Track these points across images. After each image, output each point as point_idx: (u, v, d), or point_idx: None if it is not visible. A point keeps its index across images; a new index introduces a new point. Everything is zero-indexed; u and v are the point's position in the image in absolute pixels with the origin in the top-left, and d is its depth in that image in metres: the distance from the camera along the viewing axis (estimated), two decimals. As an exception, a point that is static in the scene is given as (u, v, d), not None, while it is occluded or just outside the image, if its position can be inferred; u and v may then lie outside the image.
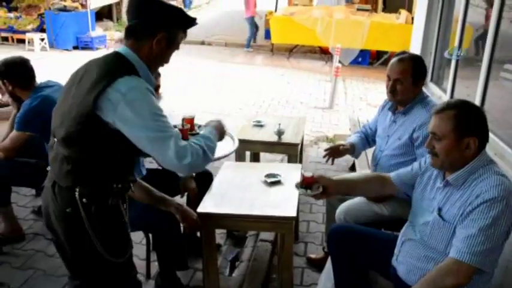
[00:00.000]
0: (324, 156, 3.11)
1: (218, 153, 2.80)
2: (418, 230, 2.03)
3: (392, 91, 2.67)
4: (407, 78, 2.62)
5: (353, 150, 3.06)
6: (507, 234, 1.78)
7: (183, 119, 3.01)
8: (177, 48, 1.91)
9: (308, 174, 2.20)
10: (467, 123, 1.84)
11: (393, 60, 2.71)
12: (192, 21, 1.90)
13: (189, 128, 2.89)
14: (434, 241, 1.92)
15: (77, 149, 1.76)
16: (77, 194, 1.79)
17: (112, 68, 1.73)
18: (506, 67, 3.10)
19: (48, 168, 2.00)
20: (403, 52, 2.75)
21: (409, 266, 2.01)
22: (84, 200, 1.79)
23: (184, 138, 2.16)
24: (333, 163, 3.11)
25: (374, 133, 3.07)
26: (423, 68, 2.68)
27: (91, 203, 1.81)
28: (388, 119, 2.85)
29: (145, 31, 1.79)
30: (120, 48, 1.84)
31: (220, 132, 2.16)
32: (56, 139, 1.83)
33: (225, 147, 2.98)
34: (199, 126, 2.96)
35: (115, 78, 1.67)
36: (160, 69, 2.85)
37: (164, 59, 1.89)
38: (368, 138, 3.14)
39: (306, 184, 2.18)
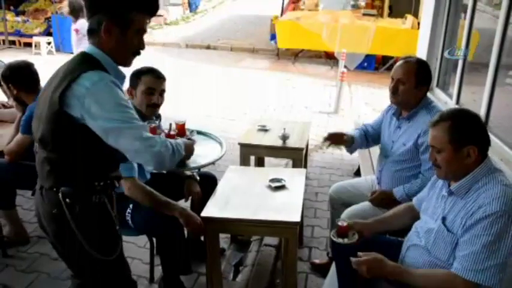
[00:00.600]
0: (324, 139, 3.07)
1: (207, 158, 2.82)
2: (422, 237, 2.02)
3: (394, 92, 2.69)
4: (411, 79, 2.62)
5: (351, 143, 3.04)
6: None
7: (174, 124, 2.94)
8: (142, 31, 1.80)
9: (343, 223, 2.22)
10: (463, 133, 1.84)
11: (399, 62, 2.72)
12: (144, 1, 1.78)
13: (176, 133, 2.83)
14: (437, 250, 1.91)
15: (53, 149, 1.77)
16: (60, 194, 1.79)
17: (76, 66, 1.74)
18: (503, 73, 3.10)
19: None
20: (410, 56, 2.75)
21: None
22: (67, 200, 1.79)
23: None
24: (328, 147, 3.11)
25: (374, 133, 3.06)
26: (428, 73, 2.68)
27: (74, 203, 1.81)
28: (392, 125, 2.84)
29: (93, 26, 1.75)
30: (87, 47, 1.81)
31: (188, 150, 2.22)
32: (37, 143, 1.85)
33: (212, 152, 2.93)
34: (191, 132, 2.93)
35: (79, 73, 1.67)
36: (165, 74, 2.89)
37: (127, 45, 1.79)
38: (367, 137, 3.11)
39: (341, 233, 2.21)
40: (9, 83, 3.08)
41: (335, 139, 3.03)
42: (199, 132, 3.15)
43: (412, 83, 2.62)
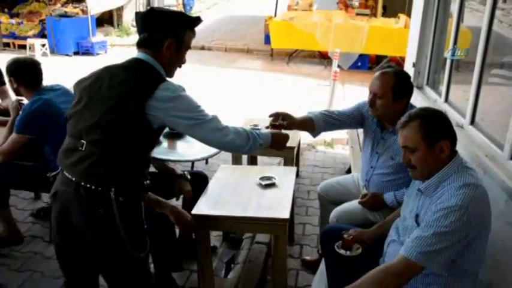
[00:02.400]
0: (267, 127, 2.68)
1: (200, 154, 2.85)
2: (401, 233, 2.07)
3: (371, 105, 2.60)
4: (388, 94, 2.53)
5: (308, 126, 2.77)
6: (464, 241, 1.78)
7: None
8: (188, 48, 2.08)
9: (348, 236, 2.27)
10: (434, 129, 1.88)
11: (376, 73, 2.64)
12: (195, 20, 2.08)
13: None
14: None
15: (117, 148, 1.89)
16: (112, 193, 1.87)
17: (149, 73, 1.96)
18: (494, 72, 3.14)
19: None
20: (389, 66, 2.69)
21: None
22: (120, 198, 1.89)
23: None
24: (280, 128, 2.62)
25: (348, 118, 2.83)
26: (407, 85, 2.59)
27: (126, 201, 1.92)
28: (376, 134, 2.75)
29: (155, 42, 1.99)
30: (140, 54, 2.01)
31: (279, 142, 2.35)
32: (84, 141, 1.90)
33: (208, 149, 2.94)
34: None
35: (158, 82, 1.92)
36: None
37: (179, 61, 2.08)
38: (334, 121, 2.81)
39: (345, 245, 2.27)
40: (11, 76, 3.13)
41: (278, 117, 2.67)
42: None
43: (389, 98, 2.53)
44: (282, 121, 2.64)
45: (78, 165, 1.91)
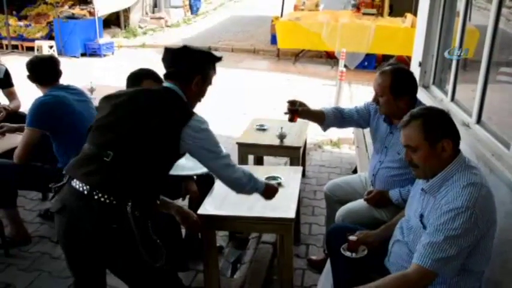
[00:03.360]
0: (286, 113, 3.01)
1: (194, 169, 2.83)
2: (405, 233, 2.07)
3: (376, 103, 2.69)
4: (386, 92, 2.59)
5: (319, 118, 2.94)
6: (474, 242, 1.78)
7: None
8: (211, 83, 2.27)
9: (353, 238, 2.28)
10: (436, 128, 1.88)
11: (377, 72, 2.69)
12: (218, 59, 2.27)
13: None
14: (416, 247, 1.95)
15: (143, 165, 1.98)
16: (128, 208, 1.91)
17: (183, 103, 2.12)
18: (502, 70, 3.12)
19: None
20: (390, 64, 2.74)
21: (398, 267, 2.04)
22: (136, 213, 1.95)
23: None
24: (294, 119, 2.93)
25: (358, 118, 2.93)
26: (406, 82, 2.62)
27: (141, 216, 1.98)
28: (384, 129, 2.80)
29: (184, 77, 2.14)
30: (170, 85, 2.14)
31: (269, 192, 2.41)
32: (111, 152, 1.94)
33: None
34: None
35: (192, 114, 2.07)
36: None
37: (202, 95, 2.25)
38: (344, 119, 2.96)
39: (351, 248, 2.27)
40: (28, 73, 3.17)
41: (293, 111, 2.89)
42: None
43: (389, 96, 2.59)
44: (298, 106, 2.85)
45: (97, 173, 1.93)
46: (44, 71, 3.17)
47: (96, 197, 1.89)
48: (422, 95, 4.16)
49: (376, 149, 2.89)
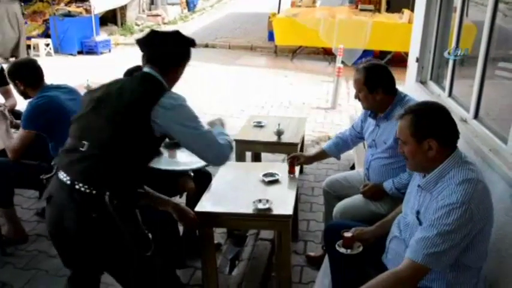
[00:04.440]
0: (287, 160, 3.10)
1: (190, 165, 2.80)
2: (402, 230, 2.06)
3: (358, 99, 2.82)
4: (362, 88, 2.74)
5: (325, 155, 3.27)
6: (468, 238, 1.78)
7: None
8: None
9: (348, 235, 2.25)
10: (423, 126, 1.88)
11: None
12: (195, 44, 2.26)
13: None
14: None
15: (117, 152, 1.95)
16: (106, 197, 1.90)
17: (156, 85, 2.07)
18: (500, 66, 3.12)
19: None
20: (368, 59, 2.88)
21: (396, 263, 2.03)
22: (114, 201, 1.93)
23: None
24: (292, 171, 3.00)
25: (357, 134, 3.14)
26: (377, 76, 2.73)
27: (120, 205, 1.95)
28: (371, 124, 2.92)
29: (172, 62, 2.14)
30: (148, 70, 2.11)
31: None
32: (86, 142, 1.95)
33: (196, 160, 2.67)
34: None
35: (163, 91, 2.03)
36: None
37: (179, 79, 2.24)
38: (347, 140, 3.20)
39: (346, 244, 2.24)
40: (15, 80, 3.16)
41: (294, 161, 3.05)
42: None
43: (365, 91, 2.74)
44: (298, 160, 3.08)
45: (76, 164, 1.94)
46: (31, 73, 3.17)
47: (77, 187, 1.91)
48: (419, 91, 4.16)
49: (368, 145, 2.99)
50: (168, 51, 2.14)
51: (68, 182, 1.93)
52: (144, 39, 2.15)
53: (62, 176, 1.96)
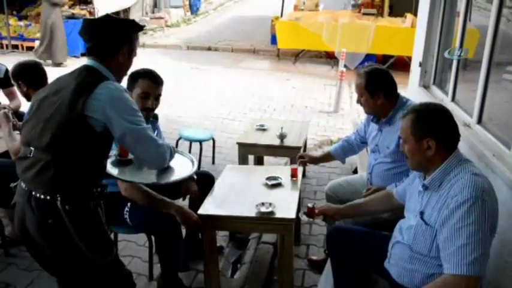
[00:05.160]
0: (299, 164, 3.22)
1: (178, 174, 2.76)
2: (404, 233, 2.06)
3: (360, 104, 2.83)
4: (364, 92, 2.75)
5: (330, 158, 3.35)
6: (492, 230, 1.81)
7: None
8: (136, 54, 2.12)
9: (311, 205, 2.50)
10: (422, 126, 1.92)
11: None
12: (142, 28, 2.16)
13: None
14: (418, 245, 1.95)
15: (62, 154, 1.87)
16: (58, 202, 1.85)
17: (92, 76, 1.94)
18: (504, 71, 3.12)
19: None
20: (369, 65, 2.86)
21: (399, 268, 2.04)
22: (66, 207, 1.86)
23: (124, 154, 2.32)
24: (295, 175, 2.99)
25: (361, 138, 3.18)
26: (378, 80, 2.74)
27: (74, 209, 1.88)
28: (374, 129, 2.94)
29: (109, 49, 2.00)
30: (89, 62, 2.01)
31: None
32: (32, 148, 1.90)
33: (184, 170, 2.52)
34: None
35: (99, 82, 1.90)
36: (166, 76, 2.91)
37: (129, 67, 2.13)
38: (353, 144, 3.25)
39: (309, 214, 2.49)
40: (19, 81, 3.18)
41: (304, 162, 3.20)
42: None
43: (366, 95, 2.75)
44: (303, 159, 3.16)
45: (27, 172, 1.92)
46: (34, 74, 3.20)
47: (33, 193, 1.90)
48: (422, 95, 4.16)
49: (371, 150, 3.01)
50: (102, 38, 2.00)
51: (26, 189, 1.92)
52: (80, 31, 2.04)
53: (22, 183, 1.96)
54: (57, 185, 1.87)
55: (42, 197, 1.87)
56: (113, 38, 2.01)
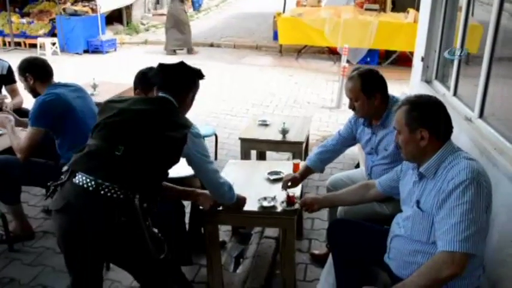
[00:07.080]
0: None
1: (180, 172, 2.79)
2: (402, 226, 2.08)
3: (352, 109, 2.75)
4: (359, 95, 2.66)
5: (310, 172, 3.02)
6: (487, 212, 1.83)
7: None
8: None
9: (291, 194, 2.58)
10: (416, 117, 1.95)
11: (346, 79, 2.77)
12: (204, 77, 2.45)
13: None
14: (417, 233, 1.97)
15: (154, 162, 2.09)
16: (137, 200, 2.03)
17: (178, 114, 2.26)
18: (506, 66, 3.11)
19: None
20: (355, 69, 2.75)
21: (399, 261, 2.05)
22: (144, 205, 2.09)
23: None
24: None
25: (344, 141, 3.01)
26: (374, 81, 2.68)
27: (150, 208, 2.13)
28: (366, 133, 2.85)
29: (182, 89, 2.32)
30: (167, 95, 2.26)
31: (239, 203, 2.54)
32: (123, 147, 2.01)
33: (187, 167, 2.52)
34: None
35: (191, 123, 2.23)
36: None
37: (190, 107, 2.42)
38: (330, 151, 3.03)
39: (289, 202, 2.56)
40: (26, 73, 3.21)
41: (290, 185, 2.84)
42: None
43: (363, 98, 2.66)
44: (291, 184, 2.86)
45: (106, 168, 1.98)
46: (42, 68, 3.24)
47: (102, 192, 1.93)
48: (424, 90, 4.17)
49: (366, 152, 2.93)
50: (187, 82, 2.34)
51: (91, 188, 1.93)
52: (172, 67, 2.33)
53: (81, 181, 1.96)
54: (138, 185, 2.04)
55: (115, 195, 1.96)
56: (186, 82, 2.34)
